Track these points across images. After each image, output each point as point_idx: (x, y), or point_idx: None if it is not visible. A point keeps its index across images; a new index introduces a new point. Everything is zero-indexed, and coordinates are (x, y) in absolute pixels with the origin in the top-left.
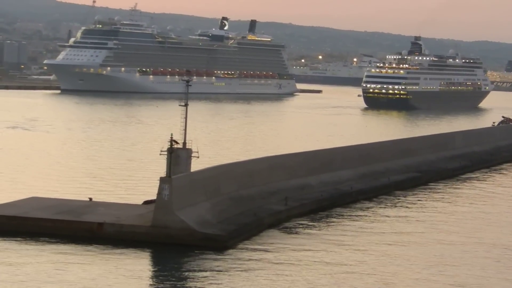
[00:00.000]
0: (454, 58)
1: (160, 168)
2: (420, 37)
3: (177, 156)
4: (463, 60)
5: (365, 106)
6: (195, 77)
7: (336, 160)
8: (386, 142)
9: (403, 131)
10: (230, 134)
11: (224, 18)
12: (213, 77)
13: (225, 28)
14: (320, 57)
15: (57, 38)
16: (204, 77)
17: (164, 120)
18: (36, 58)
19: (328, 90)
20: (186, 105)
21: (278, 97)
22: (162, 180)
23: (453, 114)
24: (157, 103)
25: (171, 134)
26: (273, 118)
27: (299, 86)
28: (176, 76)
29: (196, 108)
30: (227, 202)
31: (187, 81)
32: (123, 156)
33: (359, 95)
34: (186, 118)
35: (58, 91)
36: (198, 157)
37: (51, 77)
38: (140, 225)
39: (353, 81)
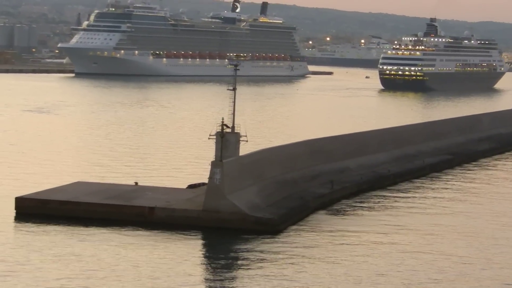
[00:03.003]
0: (469, 40)
1: (198, 151)
2: (435, 18)
3: (226, 140)
4: (478, 42)
5: (382, 87)
6: (208, 59)
7: (372, 143)
8: (417, 125)
9: (428, 114)
10: (253, 118)
11: (236, 1)
12: (226, 60)
13: (237, 10)
14: (328, 38)
15: (62, 21)
16: (217, 59)
17: (185, 104)
18: (45, 42)
19: (338, 71)
20: (234, 89)
21: (290, 79)
22: (213, 164)
23: (469, 96)
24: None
25: (222, 118)
26: (290, 100)
27: (309, 68)
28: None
29: (212, 91)
30: (273, 186)
31: (235, 65)
32: (158, 139)
33: (367, 77)
34: (234, 102)
35: (72, 75)
36: (247, 141)
37: (64, 61)
38: (191, 209)
39: (362, 63)
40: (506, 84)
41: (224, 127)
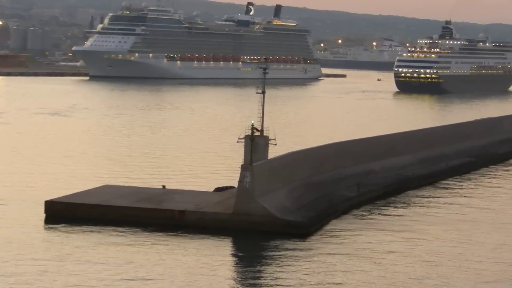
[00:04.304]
0: (484, 42)
1: (219, 154)
2: (450, 21)
3: (256, 143)
4: (493, 44)
5: (396, 90)
6: (222, 62)
7: (397, 146)
8: (440, 127)
9: (445, 116)
10: (276, 120)
11: (249, 3)
12: (240, 62)
13: (251, 13)
14: (340, 41)
15: (74, 24)
16: (231, 62)
17: (202, 107)
18: (58, 45)
19: (351, 74)
20: (263, 92)
21: (304, 81)
22: (243, 167)
23: (485, 98)
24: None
25: (252, 122)
26: (308, 103)
27: (322, 70)
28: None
29: (227, 93)
30: (301, 189)
31: (264, 69)
32: (178, 143)
33: (378, 79)
34: (263, 105)
35: (87, 78)
36: (275, 144)
37: (78, 64)
38: (221, 213)
39: (374, 65)
40: None
41: (254, 130)
